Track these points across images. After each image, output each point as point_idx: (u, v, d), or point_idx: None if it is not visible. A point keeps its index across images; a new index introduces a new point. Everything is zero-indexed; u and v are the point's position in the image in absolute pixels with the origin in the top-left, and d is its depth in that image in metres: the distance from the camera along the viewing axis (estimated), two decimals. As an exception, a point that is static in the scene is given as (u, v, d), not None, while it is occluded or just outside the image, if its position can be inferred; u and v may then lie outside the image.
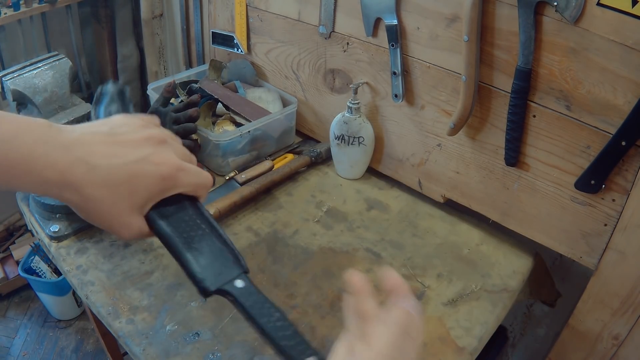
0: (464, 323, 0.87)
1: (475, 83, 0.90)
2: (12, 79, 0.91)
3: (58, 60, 0.96)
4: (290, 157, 1.24)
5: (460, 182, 1.04)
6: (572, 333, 0.96)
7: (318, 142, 1.28)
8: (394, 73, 1.02)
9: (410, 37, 0.97)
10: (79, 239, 0.98)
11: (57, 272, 1.84)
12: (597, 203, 0.86)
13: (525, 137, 0.90)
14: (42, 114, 0.92)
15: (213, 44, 1.41)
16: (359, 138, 1.11)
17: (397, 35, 0.98)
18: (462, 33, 0.86)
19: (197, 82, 1.29)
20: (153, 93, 1.24)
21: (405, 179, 1.14)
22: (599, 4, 0.72)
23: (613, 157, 0.79)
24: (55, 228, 0.98)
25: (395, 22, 0.97)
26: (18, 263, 1.87)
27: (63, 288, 1.82)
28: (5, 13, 1.51)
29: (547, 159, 0.89)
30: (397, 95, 1.04)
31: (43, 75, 0.93)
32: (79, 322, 1.95)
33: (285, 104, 1.27)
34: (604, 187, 0.83)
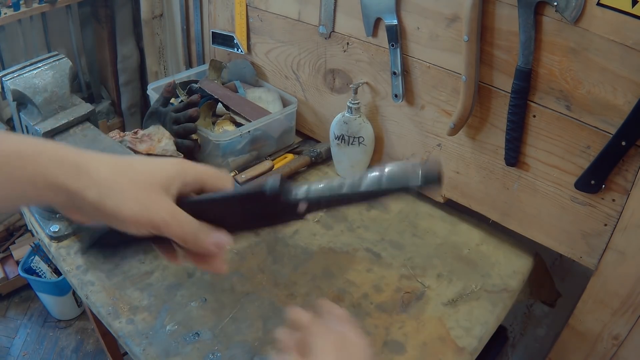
0: (464, 323, 0.87)
1: (475, 83, 0.90)
2: (12, 79, 0.91)
3: (58, 60, 0.96)
4: (290, 157, 1.24)
5: (460, 182, 1.04)
6: (572, 333, 0.96)
7: (318, 142, 1.28)
8: (394, 73, 1.02)
9: (410, 37, 0.97)
10: (79, 239, 0.98)
11: (57, 272, 1.84)
12: (597, 203, 0.86)
13: (525, 137, 0.90)
14: (42, 114, 0.92)
15: (213, 44, 1.41)
16: (359, 138, 1.11)
17: (397, 35, 0.98)
18: (462, 33, 0.86)
19: (197, 82, 1.29)
20: (153, 93, 1.24)
21: (405, 179, 1.14)
22: (599, 4, 0.72)
23: (613, 157, 0.79)
24: (55, 228, 0.98)
25: (395, 22, 0.97)
26: (18, 263, 1.87)
27: (63, 288, 1.82)
28: (5, 13, 1.51)
29: (547, 159, 0.89)
30: (397, 95, 1.04)
31: (43, 75, 0.93)
32: (79, 322, 1.95)
33: (285, 104, 1.27)
34: (604, 187, 0.83)
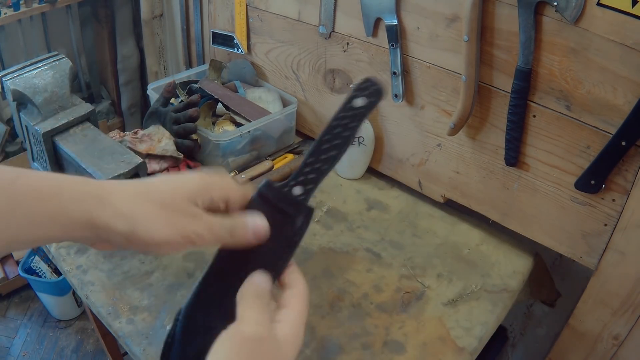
0: (464, 323, 0.87)
1: (475, 83, 0.90)
2: (12, 79, 0.91)
3: (58, 60, 0.96)
4: (290, 157, 1.24)
5: (460, 182, 1.04)
6: (572, 333, 0.96)
7: (318, 142, 1.28)
8: (394, 73, 1.02)
9: (410, 37, 0.97)
10: None
11: (57, 272, 1.84)
12: (597, 203, 0.86)
13: (525, 137, 0.90)
14: (42, 114, 0.92)
15: (213, 44, 1.41)
16: (359, 138, 1.11)
17: (397, 35, 0.98)
18: (462, 33, 0.86)
19: (197, 82, 1.29)
20: (153, 93, 1.24)
21: (405, 179, 1.14)
22: (599, 4, 0.72)
23: (613, 157, 0.79)
24: (55, 228, 0.97)
25: (395, 22, 0.97)
26: (18, 263, 1.87)
27: (63, 288, 1.82)
28: (5, 13, 1.51)
29: (547, 159, 0.89)
30: (397, 95, 1.04)
31: (43, 75, 0.93)
32: (79, 322, 1.95)
33: (285, 104, 1.27)
34: (604, 187, 0.83)
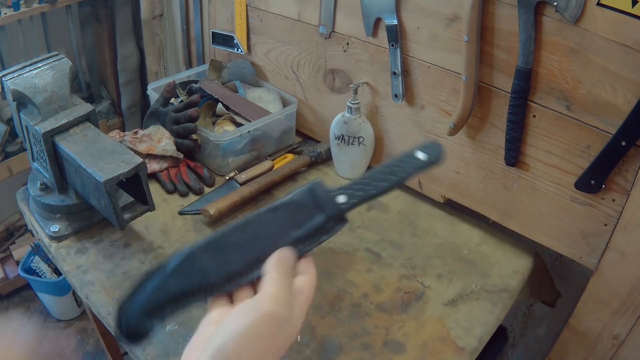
0: (464, 323, 0.87)
1: (475, 83, 0.90)
2: (12, 79, 0.91)
3: (58, 60, 0.96)
4: (290, 157, 1.24)
5: (460, 182, 1.04)
6: (572, 333, 0.96)
7: (318, 142, 1.28)
8: (394, 73, 1.02)
9: (410, 37, 0.97)
10: (79, 239, 0.98)
11: (57, 272, 1.84)
12: (597, 203, 0.86)
13: (525, 137, 0.90)
14: (42, 114, 0.92)
15: (213, 44, 1.41)
16: (359, 138, 1.11)
17: (397, 35, 0.98)
18: (462, 33, 0.86)
19: (197, 82, 1.29)
20: (153, 93, 1.24)
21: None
22: (599, 4, 0.72)
23: (613, 157, 0.79)
24: (55, 228, 0.98)
25: (395, 22, 0.97)
26: (18, 263, 1.87)
27: (63, 288, 1.82)
28: (5, 13, 1.51)
29: (547, 159, 0.89)
30: (397, 95, 1.04)
31: (43, 75, 0.93)
32: (79, 322, 1.95)
33: (285, 104, 1.27)
34: (604, 187, 0.83)
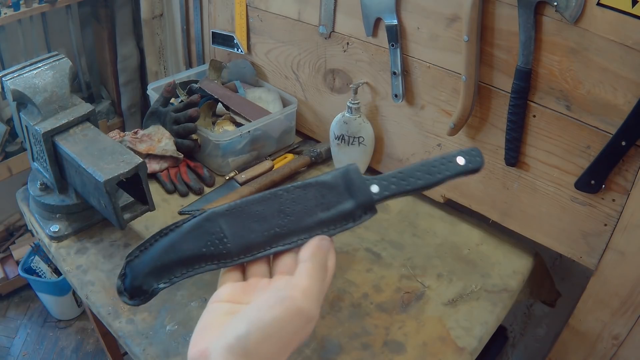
0: (464, 323, 0.87)
1: (475, 83, 0.90)
2: (12, 79, 0.91)
3: (58, 60, 0.96)
4: (290, 157, 1.24)
5: (460, 182, 1.04)
6: (572, 333, 0.96)
7: (318, 142, 1.28)
8: (394, 73, 1.02)
9: (410, 37, 0.97)
10: (79, 239, 0.98)
11: (57, 272, 1.84)
12: (597, 203, 0.86)
13: (525, 137, 0.90)
14: (42, 114, 0.92)
15: (213, 44, 1.41)
16: (359, 138, 1.11)
17: (397, 35, 0.98)
18: (462, 33, 0.86)
19: (197, 82, 1.29)
20: (153, 93, 1.24)
21: (405, 179, 1.14)
22: (599, 4, 0.72)
23: (613, 157, 0.79)
24: (55, 228, 0.98)
25: (395, 22, 0.97)
26: (18, 263, 1.87)
27: (63, 288, 1.82)
28: (5, 13, 1.51)
29: (547, 159, 0.89)
30: (397, 95, 1.04)
31: (43, 75, 0.93)
32: (79, 322, 1.95)
33: (285, 104, 1.27)
34: (604, 187, 0.83)
